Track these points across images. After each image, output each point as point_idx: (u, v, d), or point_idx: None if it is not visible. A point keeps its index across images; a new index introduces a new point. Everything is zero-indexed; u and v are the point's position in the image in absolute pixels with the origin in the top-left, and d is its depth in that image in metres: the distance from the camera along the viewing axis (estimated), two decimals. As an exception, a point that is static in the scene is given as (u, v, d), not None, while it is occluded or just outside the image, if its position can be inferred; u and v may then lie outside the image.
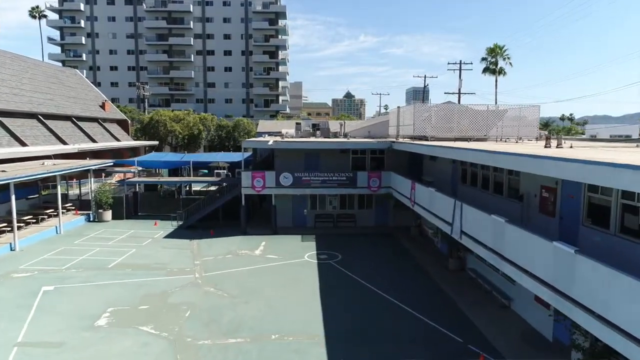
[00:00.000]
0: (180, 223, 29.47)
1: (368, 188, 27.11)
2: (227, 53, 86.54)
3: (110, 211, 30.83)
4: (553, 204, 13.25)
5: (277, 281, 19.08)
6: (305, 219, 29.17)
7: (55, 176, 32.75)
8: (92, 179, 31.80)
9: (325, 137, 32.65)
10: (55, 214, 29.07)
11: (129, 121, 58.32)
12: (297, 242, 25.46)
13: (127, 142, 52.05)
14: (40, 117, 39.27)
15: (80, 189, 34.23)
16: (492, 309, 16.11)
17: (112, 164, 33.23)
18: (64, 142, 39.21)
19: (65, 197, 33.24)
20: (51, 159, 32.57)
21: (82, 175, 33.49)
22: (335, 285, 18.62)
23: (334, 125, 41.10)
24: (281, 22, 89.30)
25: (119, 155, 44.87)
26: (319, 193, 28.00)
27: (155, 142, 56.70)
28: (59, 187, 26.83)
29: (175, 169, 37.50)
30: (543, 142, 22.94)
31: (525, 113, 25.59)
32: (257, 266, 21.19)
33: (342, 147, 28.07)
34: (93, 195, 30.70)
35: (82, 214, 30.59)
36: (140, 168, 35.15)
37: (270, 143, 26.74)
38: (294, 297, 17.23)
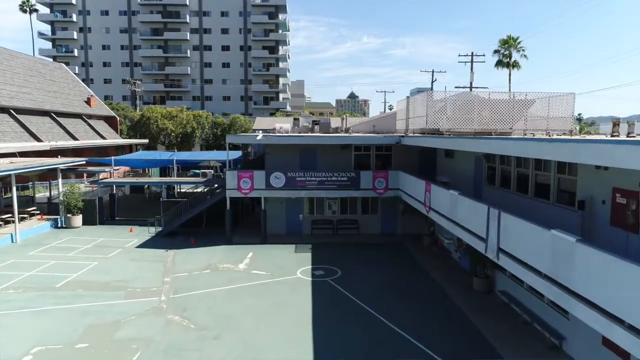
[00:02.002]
0: (159, 229, 25.81)
1: (373, 190, 23.32)
2: (225, 48, 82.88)
3: (81, 216, 27.17)
4: (635, 215, 9.43)
5: (260, 306, 15.32)
6: (300, 225, 25.42)
7: (20, 176, 29.35)
8: (61, 180, 28.17)
9: (324, 133, 28.93)
10: (20, 218, 25.58)
11: (118, 118, 54.79)
12: (289, 254, 21.71)
13: (114, 140, 48.50)
14: (12, 111, 35.72)
15: (50, 191, 30.62)
16: (536, 350, 12.27)
17: (84, 162, 29.55)
18: (39, 139, 35.68)
19: (31, 200, 29.69)
20: (16, 156, 29.00)
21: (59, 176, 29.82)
22: (333, 312, 14.85)
23: (335, 122, 37.44)
24: (281, 16, 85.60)
25: (105, 154, 41.32)
26: (317, 196, 24.26)
27: (145, 141, 53.11)
28: (13, 188, 23.15)
29: (166, 169, 33.95)
30: (578, 137, 19.19)
31: (556, 103, 21.76)
32: (239, 285, 17.44)
33: (343, 142, 24.32)
34: (60, 198, 27.03)
35: (49, 219, 26.94)
36: (117, 167, 31.47)
37: (259, 138, 23.03)
38: (278, 330, 13.47)
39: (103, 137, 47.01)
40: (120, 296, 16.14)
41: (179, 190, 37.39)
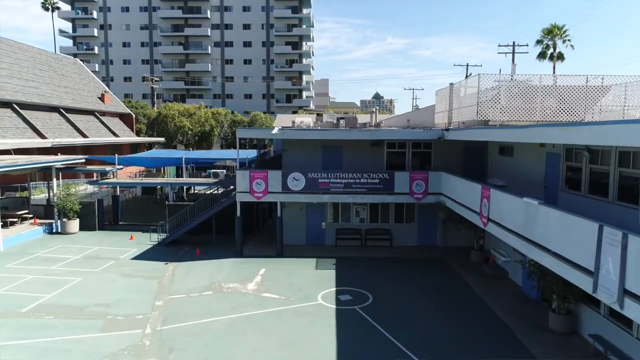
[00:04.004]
0: (163, 237, 22.65)
1: (410, 195, 19.49)
2: (247, 44, 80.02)
3: (77, 220, 24.26)
4: None
5: (269, 347, 11.75)
6: (322, 235, 21.80)
7: (17, 176, 26.78)
8: (61, 180, 25.38)
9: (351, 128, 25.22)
10: (9, 223, 22.94)
11: (134, 116, 52.39)
12: (309, 270, 18.10)
13: (127, 138, 45.97)
14: (15, 105, 33.36)
15: (49, 193, 27.92)
16: None
17: (83, 160, 26.66)
18: (43, 136, 33.22)
19: (26, 202, 26.99)
20: (11, 154, 26.38)
21: (67, 175, 27.28)
22: (363, 358, 11.14)
23: (362, 118, 33.74)
24: (305, 11, 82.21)
25: (119, 153, 38.73)
26: (342, 201, 20.59)
27: (161, 139, 50.56)
28: (-4, 189, 20.33)
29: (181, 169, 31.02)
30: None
31: (637, 91, 17.50)
32: (244, 314, 13.92)
33: (373, 137, 20.58)
34: (55, 200, 24.19)
35: (43, 224, 24.13)
36: (120, 166, 28.51)
37: (274, 131, 19.53)
38: (291, 389, 9.87)
39: (116, 135, 44.55)
40: (96, 327, 12.84)
41: (193, 191, 34.42)
